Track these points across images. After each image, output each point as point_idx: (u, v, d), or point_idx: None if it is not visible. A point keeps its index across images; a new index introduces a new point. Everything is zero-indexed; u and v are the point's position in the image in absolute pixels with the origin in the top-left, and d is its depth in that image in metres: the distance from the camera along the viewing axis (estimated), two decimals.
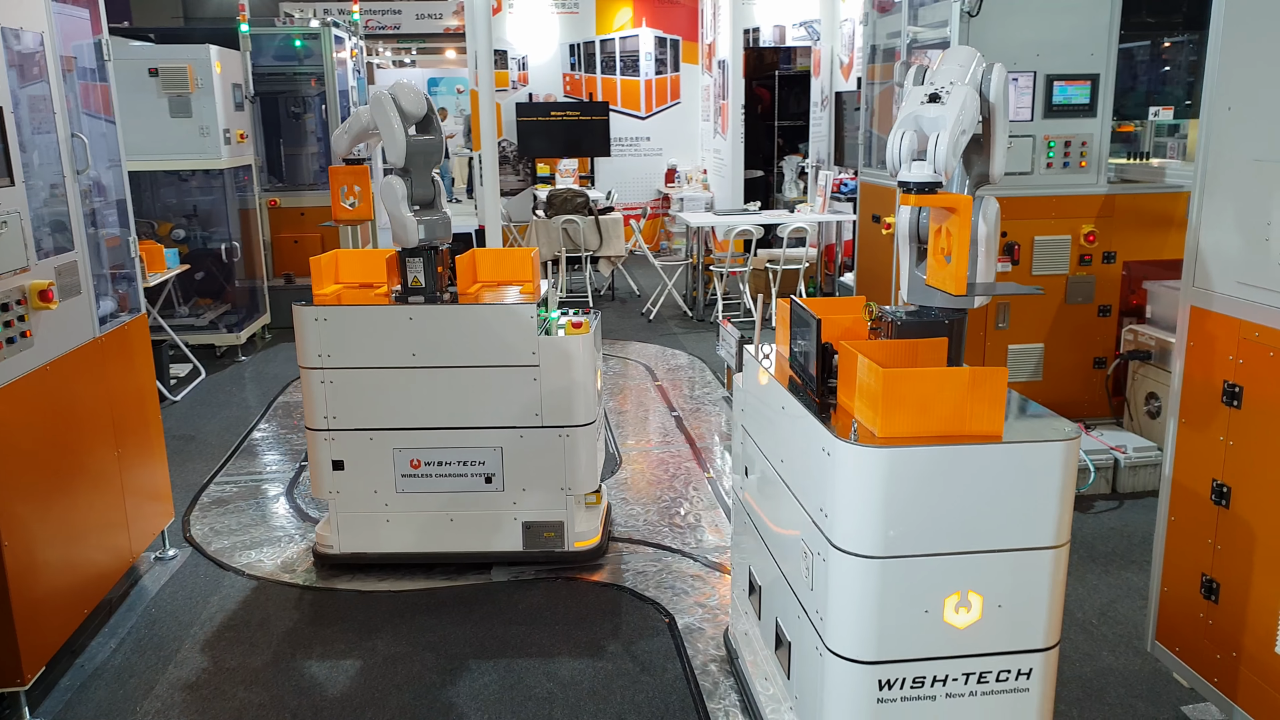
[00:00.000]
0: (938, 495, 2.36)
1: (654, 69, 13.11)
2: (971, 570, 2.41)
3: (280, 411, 6.63)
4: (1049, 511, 2.38)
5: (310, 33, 9.37)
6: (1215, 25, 2.83)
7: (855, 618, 2.43)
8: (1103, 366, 5.53)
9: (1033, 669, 2.49)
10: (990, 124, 2.60)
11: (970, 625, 2.44)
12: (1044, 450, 2.36)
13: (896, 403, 2.35)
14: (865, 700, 2.46)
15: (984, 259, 2.62)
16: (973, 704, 2.49)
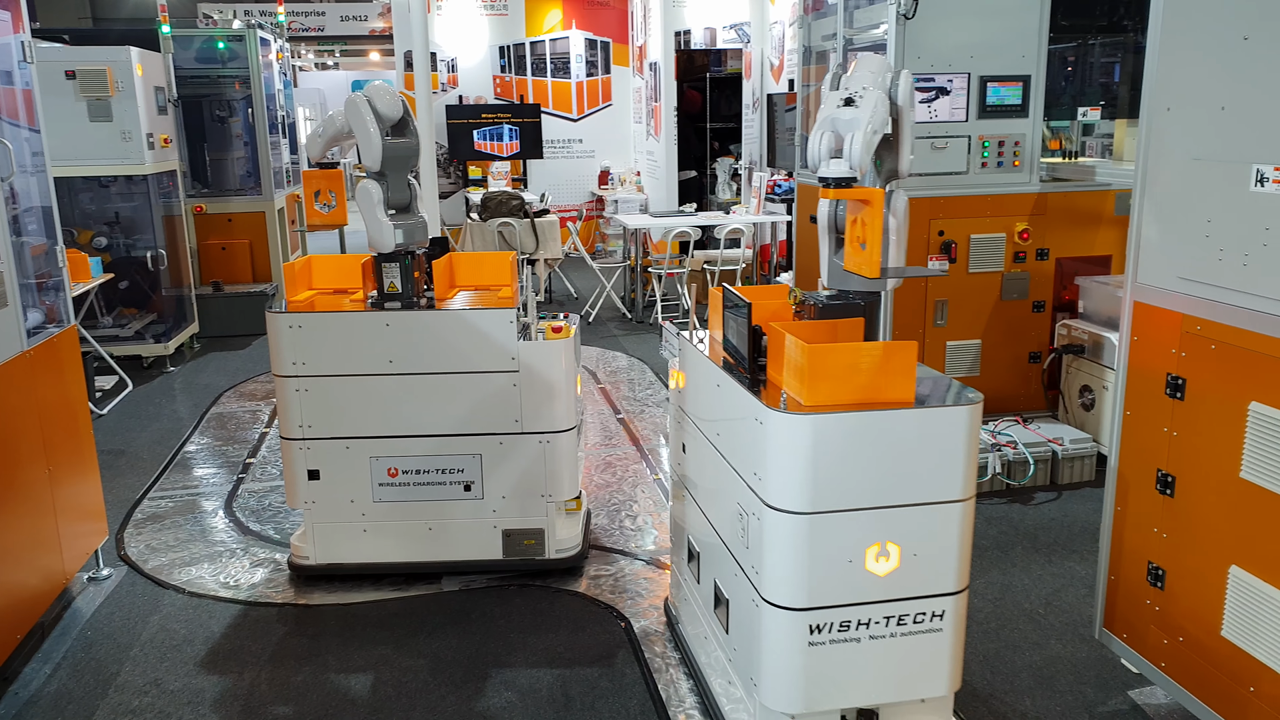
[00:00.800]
0: (858, 456, 2.61)
1: (585, 71, 13.09)
2: (890, 523, 2.66)
3: (214, 423, 6.45)
4: (956, 468, 2.66)
5: (234, 34, 9.16)
6: (1154, 29, 2.91)
7: (788, 569, 2.67)
8: (1038, 361, 5.66)
9: (945, 611, 2.75)
10: (899, 125, 2.89)
11: (890, 573, 2.70)
12: (950, 414, 2.64)
13: (820, 375, 2.60)
14: (798, 644, 2.71)
15: (895, 246, 2.91)
16: (893, 644, 2.75)
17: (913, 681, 2.81)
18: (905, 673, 2.80)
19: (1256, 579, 2.64)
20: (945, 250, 5.40)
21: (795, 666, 2.73)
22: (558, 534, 4.22)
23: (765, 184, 9.77)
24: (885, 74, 2.91)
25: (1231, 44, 2.62)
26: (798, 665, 2.73)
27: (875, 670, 2.77)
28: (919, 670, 2.81)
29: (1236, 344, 2.66)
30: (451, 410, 4.03)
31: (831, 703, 2.79)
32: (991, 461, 5.00)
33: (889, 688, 2.80)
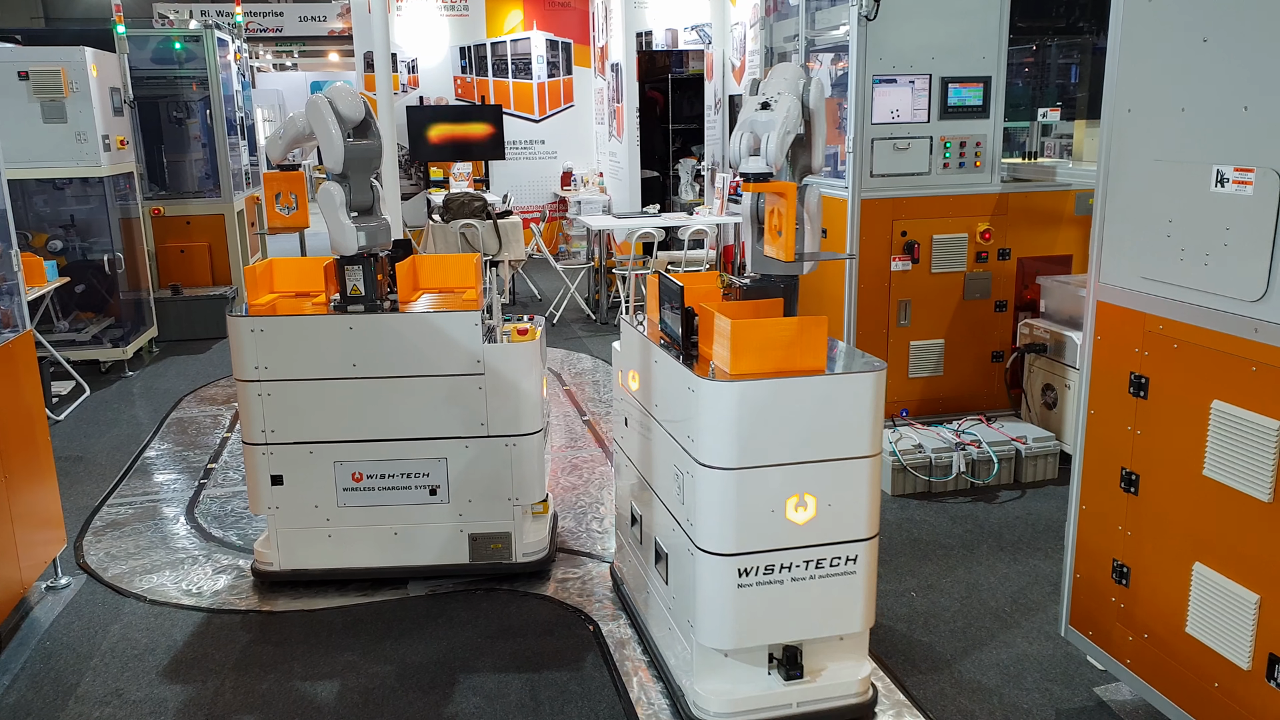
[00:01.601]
0: (777, 418, 2.92)
1: (546, 72, 13.04)
2: (807, 477, 2.98)
3: (174, 428, 6.35)
4: (864, 428, 2.99)
5: (191, 35, 9.03)
6: (1114, 32, 2.94)
7: (718, 520, 2.99)
8: (1001, 360, 5.72)
9: (858, 555, 3.09)
10: (811, 126, 3.19)
11: (808, 521, 3.02)
12: (857, 380, 2.97)
13: (743, 348, 2.92)
14: (728, 587, 3.01)
15: (809, 234, 3.22)
16: (812, 585, 3.07)
17: (831, 620, 3.14)
18: (824, 612, 3.11)
19: (1220, 575, 2.68)
20: (908, 251, 5.44)
21: (726, 607, 3.04)
22: (525, 537, 4.20)
23: (728, 185, 9.79)
24: (799, 80, 3.20)
25: (1191, 46, 2.66)
26: (728, 606, 3.03)
27: (797, 610, 3.08)
28: (836, 610, 3.12)
29: (1198, 343, 2.70)
30: (416, 414, 3.99)
31: (759, 639, 3.11)
32: (956, 460, 5.04)
33: (810, 625, 3.12)
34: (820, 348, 3.00)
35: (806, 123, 3.19)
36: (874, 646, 3.67)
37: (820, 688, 3.18)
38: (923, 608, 3.96)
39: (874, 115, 5.28)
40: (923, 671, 3.53)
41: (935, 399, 5.69)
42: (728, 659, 3.16)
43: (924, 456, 5.05)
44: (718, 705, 3.13)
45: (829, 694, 3.19)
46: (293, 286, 4.38)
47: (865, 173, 5.33)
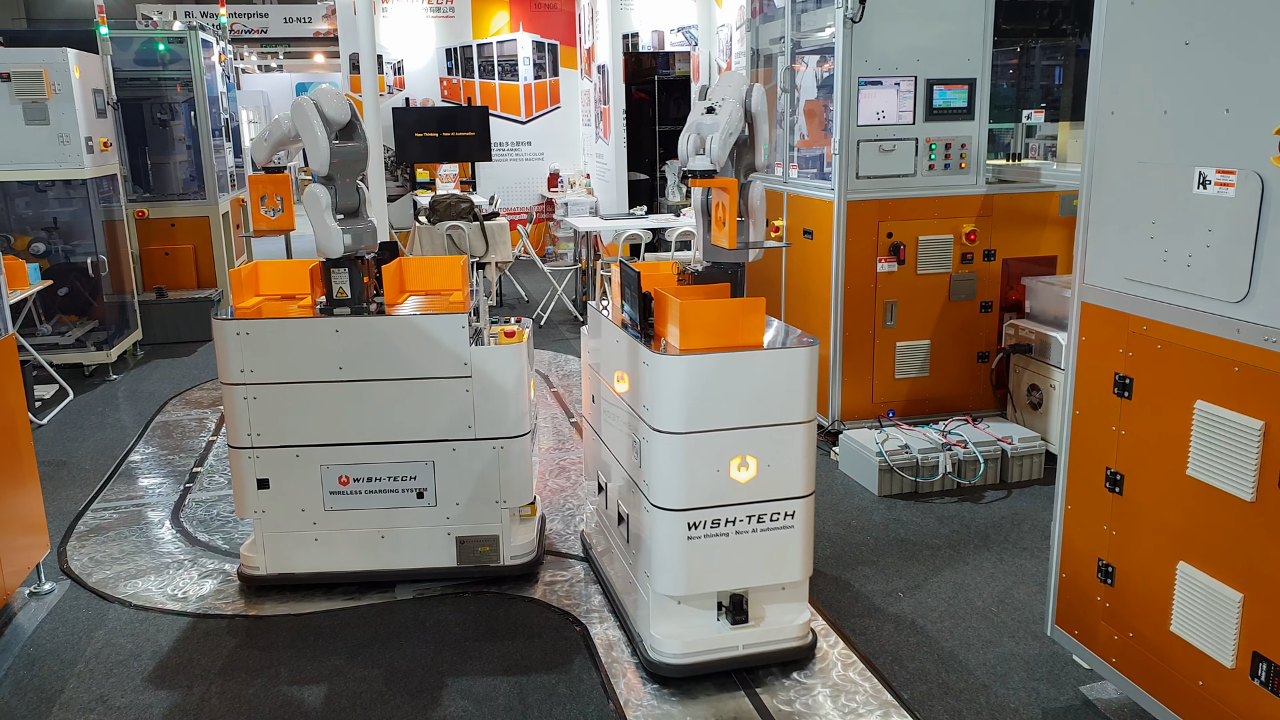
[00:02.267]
0: (720, 387, 3.26)
1: (533, 73, 13.03)
2: (748, 440, 3.31)
3: (159, 431, 6.31)
4: (799, 397, 3.33)
5: (175, 36, 8.98)
6: (1097, 35, 2.96)
7: (669, 480, 3.33)
8: (986, 361, 5.75)
9: (796, 511, 3.42)
10: (753, 128, 3.57)
11: (750, 480, 3.34)
12: (791, 354, 3.33)
13: (691, 325, 3.27)
14: (679, 539, 3.34)
15: (753, 225, 3.61)
16: (754, 538, 3.40)
17: (772, 570, 3.47)
18: (766, 563, 3.45)
19: (1204, 574, 2.70)
20: (894, 252, 5.46)
21: (678, 558, 3.37)
22: (512, 540, 4.19)
23: None
24: (742, 88, 3.54)
25: (1173, 49, 2.68)
26: (679, 557, 3.37)
27: (741, 560, 3.41)
28: (777, 560, 3.46)
29: (1182, 344, 2.72)
30: (403, 417, 3.98)
31: (707, 586, 3.44)
32: (942, 461, 5.06)
33: (753, 574, 3.46)
34: (759, 326, 3.36)
35: (750, 126, 3.56)
36: (863, 647, 3.69)
37: (764, 631, 3.52)
38: (910, 608, 3.98)
39: (860, 117, 5.30)
40: (910, 672, 3.54)
41: (921, 400, 5.71)
42: (680, 606, 3.48)
43: (910, 457, 5.06)
44: (672, 647, 3.46)
45: (772, 637, 3.53)
46: (278, 289, 4.36)
47: (851, 174, 5.34)
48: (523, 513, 4.32)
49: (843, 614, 3.94)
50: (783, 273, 6.19)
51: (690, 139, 3.53)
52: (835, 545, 4.54)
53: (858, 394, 5.63)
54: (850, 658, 3.63)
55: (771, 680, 3.49)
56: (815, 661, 3.59)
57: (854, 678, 3.51)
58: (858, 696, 3.40)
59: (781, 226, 6.17)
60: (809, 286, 5.83)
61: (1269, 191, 2.42)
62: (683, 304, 3.26)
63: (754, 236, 3.60)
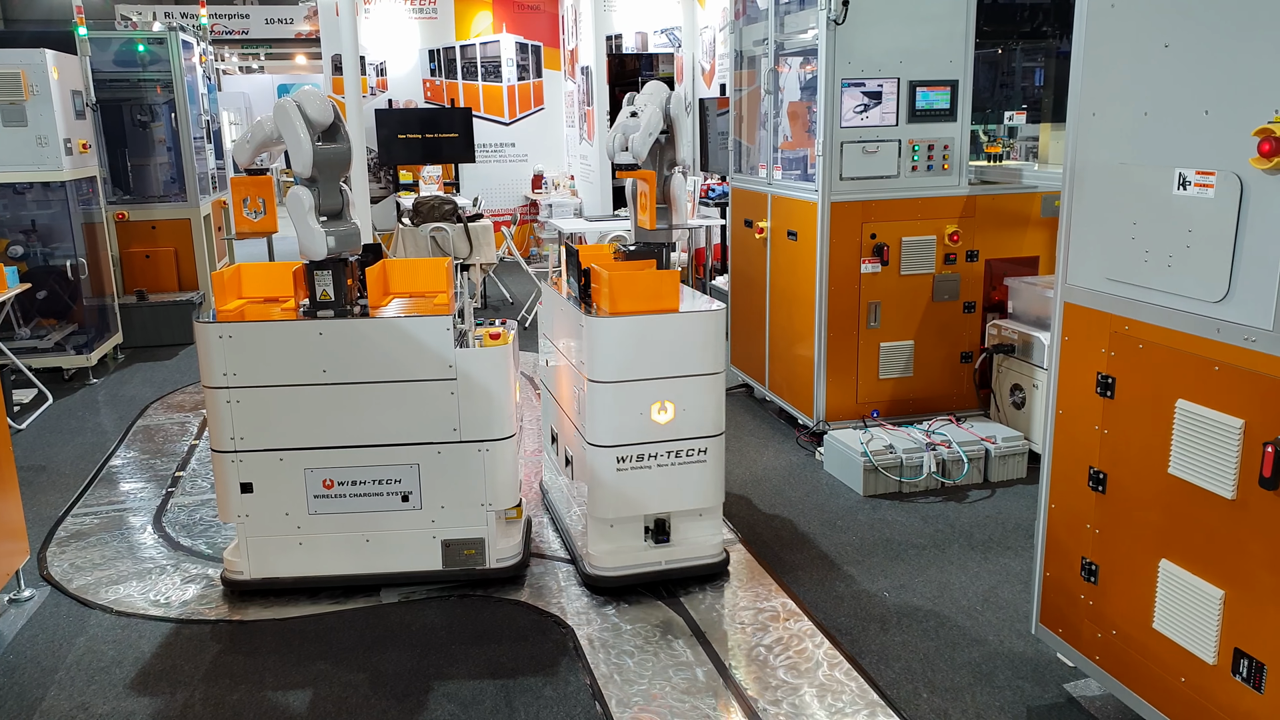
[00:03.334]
0: (643, 344, 3.91)
1: (516, 75, 13.02)
2: (667, 388, 3.96)
3: (140, 436, 6.27)
4: (709, 351, 3.98)
5: (155, 37, 8.92)
6: (1078, 37, 2.98)
7: (602, 421, 3.96)
8: (970, 361, 5.77)
9: (707, 448, 4.07)
10: (673, 129, 4.30)
11: (669, 422, 3.99)
12: (702, 316, 3.98)
13: (619, 293, 3.90)
14: (611, 471, 4.00)
15: (675, 211, 4.36)
16: (673, 470, 4.05)
17: (689, 497, 4.11)
18: (683, 491, 4.08)
19: (1185, 572, 2.72)
20: (877, 253, 5.48)
21: (610, 486, 4.01)
22: (498, 543, 4.18)
23: (699, 188, 9.82)
24: (662, 95, 4.26)
25: (1153, 52, 2.70)
26: (612, 486, 4.00)
27: (663, 489, 4.06)
28: (692, 489, 4.09)
29: (1163, 343, 2.74)
30: (388, 420, 3.97)
31: (635, 510, 4.07)
32: (927, 460, 5.08)
33: (672, 501, 4.11)
34: (675, 293, 4.00)
35: (670, 127, 4.29)
36: (849, 647, 3.69)
37: (683, 549, 4.17)
38: (895, 608, 3.99)
39: (843, 119, 5.32)
40: (896, 671, 3.55)
41: (905, 400, 5.73)
42: (613, 528, 4.11)
43: (895, 457, 5.08)
44: (606, 562, 4.10)
45: (690, 554, 4.18)
46: (261, 292, 4.34)
47: (835, 176, 5.36)
48: (508, 515, 4.31)
49: (829, 614, 3.94)
50: (767, 274, 6.21)
51: (616, 138, 4.34)
52: (821, 545, 4.55)
53: (842, 394, 5.64)
54: (836, 657, 3.64)
55: (693, 593, 4.11)
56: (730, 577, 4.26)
57: (840, 677, 3.52)
58: (844, 696, 3.40)
59: (766, 228, 6.18)
60: (794, 288, 5.84)
61: (1247, 192, 2.44)
62: (611, 275, 3.90)
63: (676, 220, 4.36)
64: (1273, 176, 2.37)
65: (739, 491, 5.20)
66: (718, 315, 3.97)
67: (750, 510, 4.96)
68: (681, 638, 3.78)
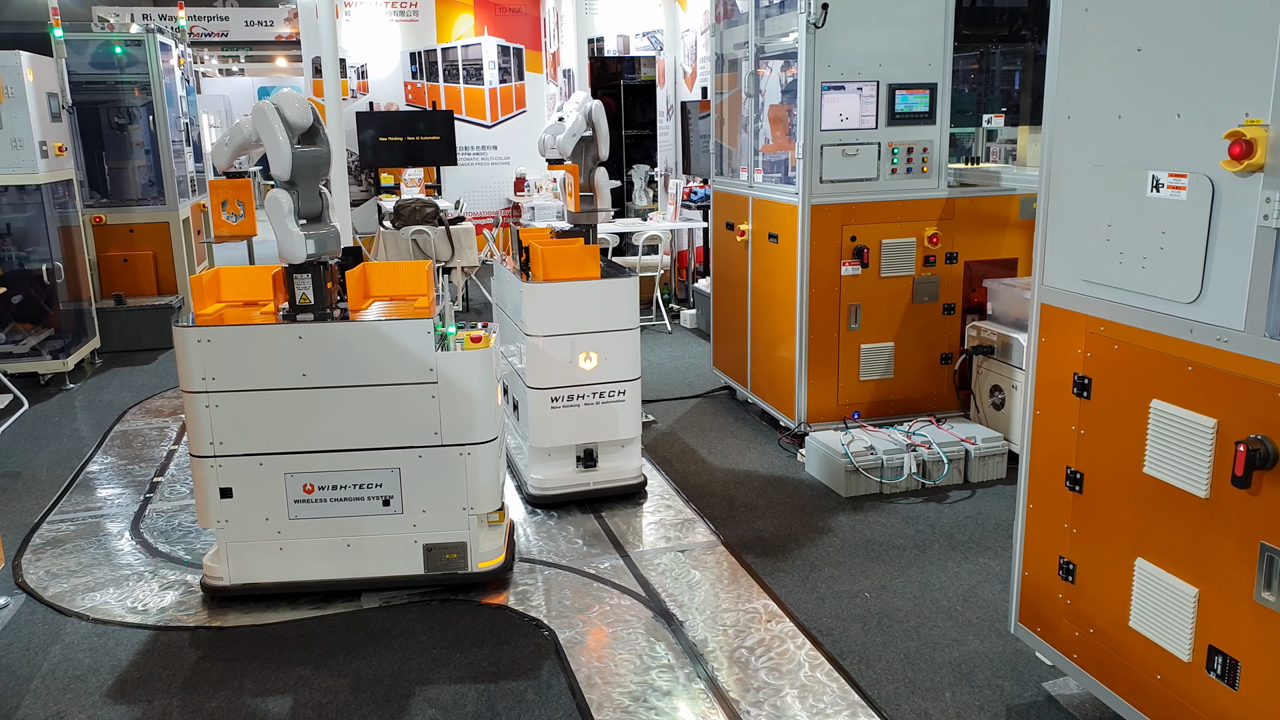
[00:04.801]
0: (569, 305, 4.81)
1: (498, 78, 13.00)
2: (592, 341, 4.84)
3: (118, 441, 6.22)
4: (625, 311, 4.87)
5: (133, 39, 8.86)
6: (1053, 40, 3.00)
7: (538, 369, 4.84)
8: (949, 362, 5.80)
9: (625, 390, 4.96)
10: (595, 131, 5.22)
11: (593, 369, 4.87)
12: (617, 283, 4.87)
13: (549, 264, 4.82)
14: (546, 409, 4.89)
15: (599, 198, 5.34)
16: (598, 409, 4.94)
17: (610, 430, 4.99)
18: (606, 425, 4.97)
19: (1160, 570, 2.74)
20: (858, 255, 5.50)
21: (545, 422, 4.90)
22: (480, 546, 4.17)
23: (681, 191, 9.83)
24: (586, 104, 5.19)
25: (1126, 55, 2.72)
26: (546, 421, 4.90)
27: (590, 424, 4.94)
28: (615, 423, 4.99)
29: (1137, 344, 2.76)
30: (368, 424, 3.96)
31: (566, 441, 4.97)
32: (907, 462, 5.10)
33: (598, 433, 4.99)
34: (595, 264, 4.90)
35: (592, 129, 5.20)
36: (830, 648, 3.70)
37: (607, 473, 5.07)
38: (876, 608, 4.00)
39: (823, 122, 5.33)
40: (877, 671, 3.56)
41: (886, 401, 5.75)
42: (550, 457, 4.99)
43: (875, 458, 5.10)
44: (545, 484, 5.01)
45: (613, 476, 5.09)
46: (240, 296, 4.32)
47: (815, 179, 5.38)
48: (491, 519, 4.30)
49: (810, 615, 3.95)
50: (749, 277, 6.22)
51: (544, 139, 5.25)
52: (802, 547, 4.56)
53: (823, 396, 5.66)
54: (817, 658, 3.65)
55: (614, 508, 5.01)
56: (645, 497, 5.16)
57: (821, 678, 3.53)
58: (825, 697, 3.41)
59: (747, 231, 6.19)
60: (775, 290, 5.86)
61: (1219, 194, 2.47)
62: (543, 249, 4.81)
63: (600, 205, 5.34)
64: (1243, 179, 2.39)
65: (721, 493, 5.21)
66: (630, 283, 4.87)
67: (732, 511, 4.97)
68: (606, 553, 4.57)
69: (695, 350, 8.33)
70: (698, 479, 5.42)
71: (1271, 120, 2.31)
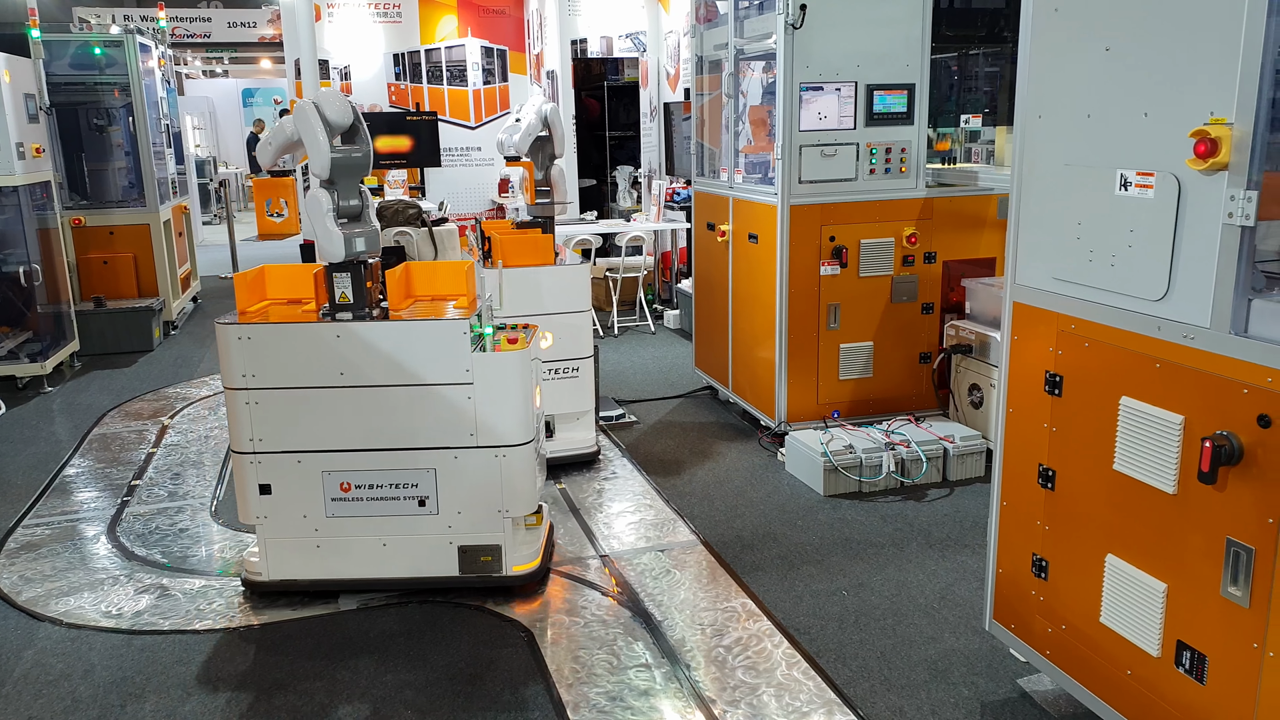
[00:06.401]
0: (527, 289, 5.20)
1: (482, 79, 12.97)
2: (547, 321, 5.17)
3: (96, 444, 6.18)
4: (578, 295, 5.35)
5: (112, 40, 8.81)
6: (1024, 40, 3.01)
7: None
8: (928, 361, 5.82)
9: (579, 366, 5.43)
10: (551, 130, 5.61)
11: (549, 347, 5.29)
12: (570, 269, 5.38)
13: (507, 251, 5.29)
14: None
15: (556, 192, 5.76)
16: (555, 383, 5.39)
17: (568, 403, 5.46)
18: (563, 398, 5.41)
19: (1130, 566, 2.76)
20: (836, 255, 5.51)
21: None
22: (517, 550, 4.14)
23: (664, 192, 9.84)
24: (542, 105, 5.57)
25: (1095, 55, 2.74)
26: None
27: (548, 397, 5.09)
28: (570, 397, 5.45)
29: (1107, 342, 2.78)
30: (404, 424, 3.93)
31: None
32: (886, 460, 5.11)
33: (556, 406, 5.39)
34: (550, 252, 5.34)
35: (549, 128, 5.58)
36: (808, 646, 3.71)
37: (564, 442, 5.53)
38: (854, 606, 4.01)
39: (802, 123, 5.35)
40: (853, 669, 3.57)
41: (865, 400, 5.76)
42: None
43: (854, 457, 5.11)
44: None
45: (570, 446, 5.55)
46: (285, 294, 4.33)
47: (794, 179, 5.39)
48: (528, 522, 4.24)
49: (788, 613, 3.96)
50: (729, 277, 6.23)
51: (504, 138, 5.66)
52: (781, 545, 4.57)
53: (803, 396, 5.67)
54: (794, 657, 3.65)
55: (572, 474, 5.46)
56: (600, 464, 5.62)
57: (798, 676, 3.53)
58: (801, 695, 3.42)
59: (728, 231, 6.20)
60: (755, 290, 5.87)
61: (1185, 193, 2.48)
62: (500, 238, 5.27)
63: (556, 199, 5.76)
64: (1208, 177, 2.41)
65: (701, 493, 5.21)
66: (582, 269, 5.36)
67: (712, 510, 4.97)
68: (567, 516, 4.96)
69: (678, 351, 8.34)
70: (679, 479, 5.42)
71: (1236, 119, 2.32)
